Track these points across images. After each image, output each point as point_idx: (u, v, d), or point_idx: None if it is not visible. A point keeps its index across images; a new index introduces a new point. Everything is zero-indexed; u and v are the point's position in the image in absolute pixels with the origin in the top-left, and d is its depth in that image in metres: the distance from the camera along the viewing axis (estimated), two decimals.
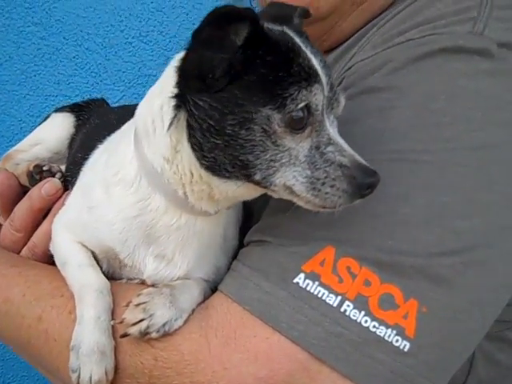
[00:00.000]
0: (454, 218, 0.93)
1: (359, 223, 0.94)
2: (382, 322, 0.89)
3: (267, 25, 0.93)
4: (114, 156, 1.08)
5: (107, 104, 1.62)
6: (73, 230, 1.12)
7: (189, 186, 0.98)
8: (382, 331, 0.89)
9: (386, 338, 0.89)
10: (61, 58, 2.56)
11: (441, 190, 0.94)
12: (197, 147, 0.92)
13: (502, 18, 1.04)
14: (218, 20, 0.83)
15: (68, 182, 1.26)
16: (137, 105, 1.07)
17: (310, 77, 0.89)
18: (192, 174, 0.96)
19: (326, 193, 0.88)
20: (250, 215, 1.16)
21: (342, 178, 0.87)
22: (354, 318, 0.90)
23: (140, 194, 1.02)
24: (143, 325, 0.93)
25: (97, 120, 1.41)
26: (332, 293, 0.91)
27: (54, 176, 1.27)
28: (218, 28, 0.84)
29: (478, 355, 1.14)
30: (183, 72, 0.91)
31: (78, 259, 1.07)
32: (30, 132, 2.35)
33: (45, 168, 1.29)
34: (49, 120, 1.50)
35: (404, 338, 0.89)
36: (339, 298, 0.90)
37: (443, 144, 0.96)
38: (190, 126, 0.92)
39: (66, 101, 2.55)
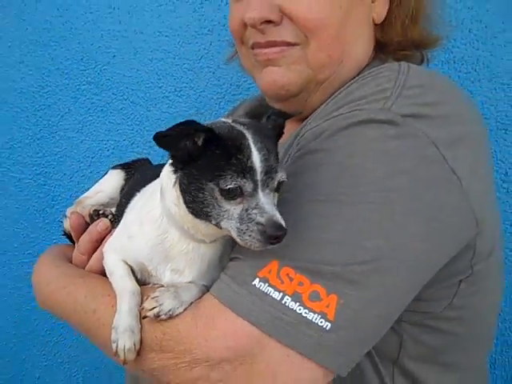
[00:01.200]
0: (364, 239, 1.16)
1: (295, 244, 1.17)
2: (310, 310, 1.13)
3: (234, 123, 1.21)
4: (148, 202, 1.40)
5: (150, 162, 1.94)
6: (118, 252, 1.43)
7: (188, 224, 1.28)
8: (310, 316, 1.13)
9: (314, 320, 1.12)
10: (111, 110, 2.86)
11: (353, 220, 1.17)
12: (183, 200, 1.23)
13: (410, 95, 1.25)
14: (186, 131, 1.14)
15: (116, 219, 1.60)
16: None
17: (244, 169, 1.13)
18: (188, 215, 1.25)
19: (246, 239, 1.14)
20: None
21: (256, 232, 1.13)
22: (291, 307, 1.13)
23: (162, 229, 1.33)
24: (155, 310, 1.20)
25: (138, 175, 1.75)
26: (276, 290, 1.15)
27: (106, 217, 1.65)
28: (186, 136, 1.14)
29: (405, 337, 1.37)
30: (171, 155, 1.23)
31: (120, 272, 1.38)
32: (86, 172, 2.73)
33: (100, 212, 1.68)
34: (107, 175, 1.88)
35: (326, 320, 1.12)
36: (281, 294, 1.15)
37: (357, 189, 1.19)
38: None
39: (115, 145, 2.89)
